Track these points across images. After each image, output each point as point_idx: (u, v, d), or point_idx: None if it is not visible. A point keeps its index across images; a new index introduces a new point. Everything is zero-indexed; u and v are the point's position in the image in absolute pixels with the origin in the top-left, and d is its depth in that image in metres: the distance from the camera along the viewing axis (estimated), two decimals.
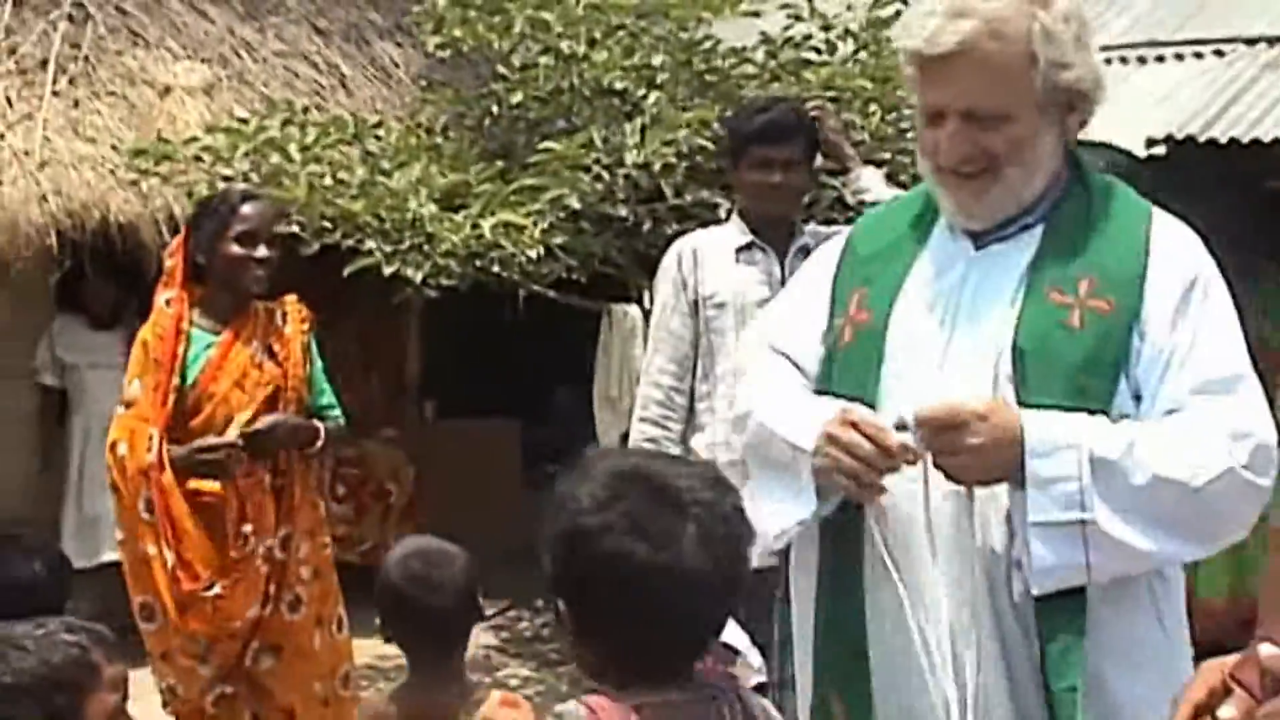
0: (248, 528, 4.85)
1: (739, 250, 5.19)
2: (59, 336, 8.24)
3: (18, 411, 8.26)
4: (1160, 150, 7.22)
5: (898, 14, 7.76)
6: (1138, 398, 2.65)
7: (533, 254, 6.86)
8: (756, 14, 8.00)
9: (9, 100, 8.04)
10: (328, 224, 6.88)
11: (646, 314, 7.05)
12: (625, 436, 5.53)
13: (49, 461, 8.28)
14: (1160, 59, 8.17)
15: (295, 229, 6.83)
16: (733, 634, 4.98)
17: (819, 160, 5.50)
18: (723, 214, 7.22)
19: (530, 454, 10.31)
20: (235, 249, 4.91)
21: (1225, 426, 2.56)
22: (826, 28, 7.85)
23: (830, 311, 2.90)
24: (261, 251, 4.94)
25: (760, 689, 5.04)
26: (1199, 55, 8.11)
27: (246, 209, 4.97)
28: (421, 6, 8.43)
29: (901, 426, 2.54)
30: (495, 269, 7.04)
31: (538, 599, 9.00)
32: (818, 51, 7.81)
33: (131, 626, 4.91)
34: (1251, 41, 8.17)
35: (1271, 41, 8.14)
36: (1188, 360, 2.62)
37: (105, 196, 7.73)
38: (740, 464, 4.99)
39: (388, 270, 6.78)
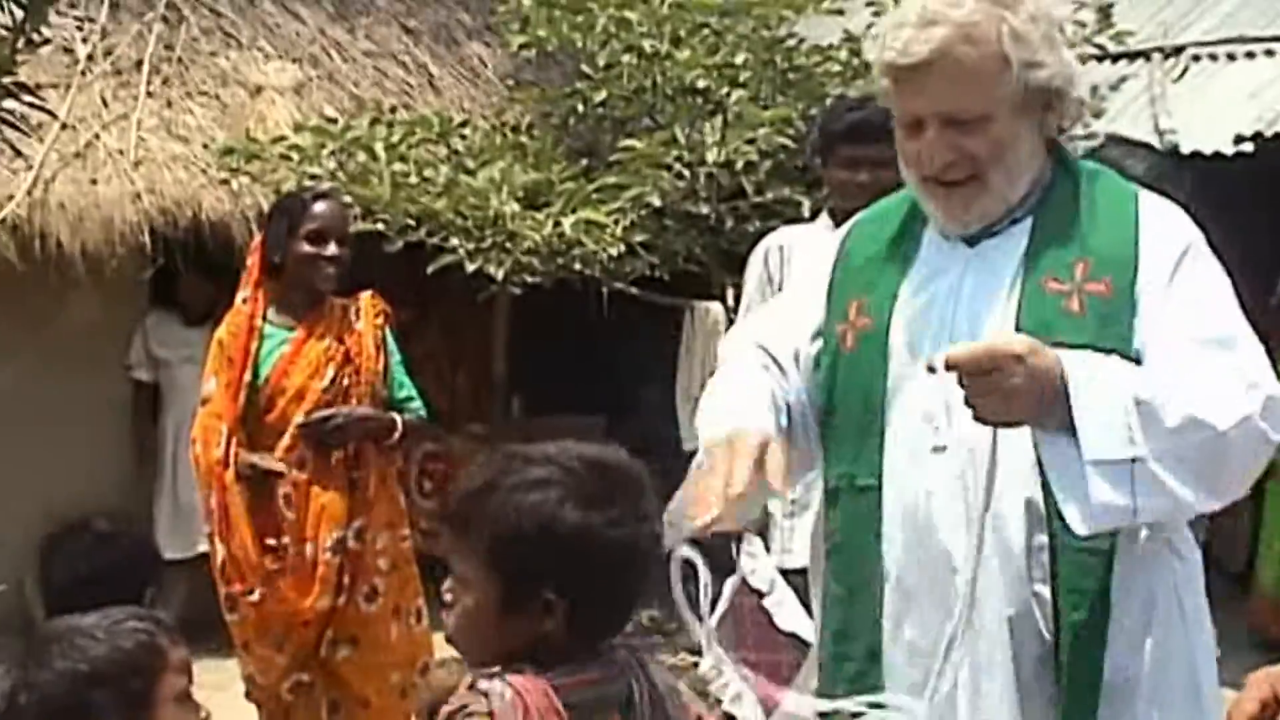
0: (311, 523, 4.93)
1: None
2: (152, 332, 8.36)
3: (113, 406, 8.40)
4: (1248, 147, 7.16)
5: None
6: None
7: (614, 251, 6.92)
8: (840, 11, 8.01)
9: (105, 101, 8.19)
10: (411, 222, 6.97)
11: (729, 311, 7.08)
12: None
13: (144, 455, 8.41)
14: (1250, 55, 8.08)
15: (379, 227, 6.93)
16: (805, 625, 5.01)
17: None
18: (805, 211, 7.25)
19: None
20: (306, 247, 4.99)
21: (1237, 375, 2.56)
22: None
23: (827, 315, 2.91)
24: (331, 249, 4.99)
25: None
26: None
27: (317, 208, 5.03)
28: (507, 6, 8.48)
29: (931, 369, 2.52)
30: (577, 266, 7.10)
31: None
32: None
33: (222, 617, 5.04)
34: None
35: None
36: (1186, 320, 2.63)
37: (197, 195, 7.87)
38: None
39: (470, 267, 6.85)
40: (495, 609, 2.23)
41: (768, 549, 5.13)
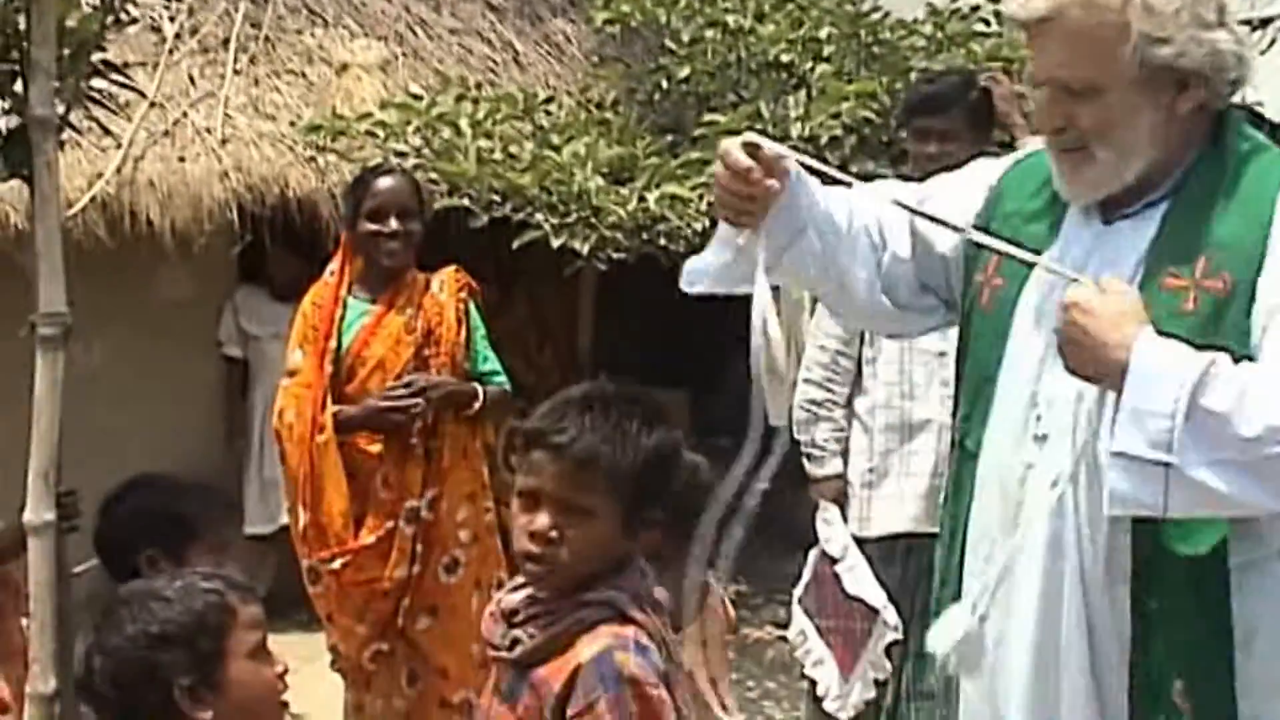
0: (388, 494, 4.98)
1: None
2: (242, 308, 8.45)
3: (203, 382, 8.51)
4: None
5: None
6: None
7: (699, 226, 6.90)
8: None
9: (192, 79, 8.26)
10: (496, 198, 6.98)
11: None
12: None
13: (234, 430, 8.51)
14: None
15: (464, 203, 6.95)
16: (872, 592, 5.02)
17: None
18: None
19: (700, 425, 10.34)
20: (368, 225, 5.05)
21: None
22: None
23: (975, 254, 2.85)
24: (392, 225, 5.04)
25: (892, 647, 5.10)
26: None
27: (376, 185, 5.09)
28: None
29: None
30: (662, 242, 7.09)
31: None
32: (986, 23, 7.75)
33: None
34: None
35: None
36: None
37: (284, 172, 7.92)
38: (900, 427, 5.07)
39: (555, 243, 6.86)
40: (617, 532, 2.61)
41: (845, 518, 5.15)
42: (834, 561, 5.14)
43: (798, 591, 5.22)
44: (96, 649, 2.67)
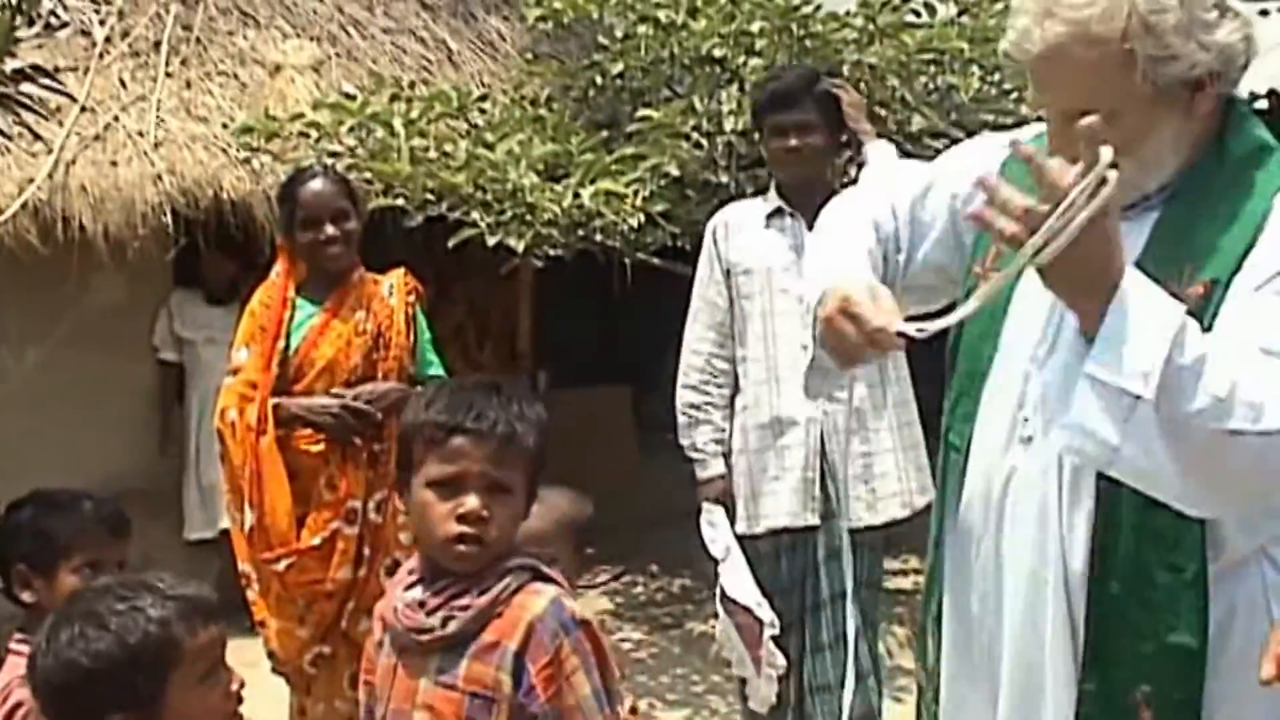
0: (331, 495, 4.97)
1: (768, 217, 5.25)
2: (177, 312, 8.41)
3: (138, 387, 8.46)
4: (1263, 105, 7.14)
5: None
6: None
7: (634, 222, 6.91)
8: None
9: (123, 82, 8.21)
10: (431, 197, 6.96)
11: None
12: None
13: (169, 436, 8.46)
14: (1264, 13, 8.03)
15: (399, 202, 6.94)
16: (746, 592, 5.08)
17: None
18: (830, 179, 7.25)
19: (643, 421, 10.37)
20: (304, 235, 5.05)
21: None
22: None
23: (974, 243, 2.83)
24: (328, 231, 5.04)
25: (791, 641, 5.16)
26: None
27: (303, 194, 5.08)
28: None
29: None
30: (598, 238, 7.10)
31: (652, 564, 9.08)
32: (916, 14, 7.77)
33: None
34: None
35: None
36: (1265, 319, 2.37)
37: (218, 174, 7.88)
38: (771, 424, 5.13)
39: (491, 241, 6.85)
40: (525, 505, 2.81)
41: (732, 518, 5.21)
42: (717, 563, 5.19)
43: (718, 589, 5.27)
44: (41, 653, 2.58)
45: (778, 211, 5.24)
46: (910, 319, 2.64)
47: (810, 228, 5.14)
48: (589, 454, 9.30)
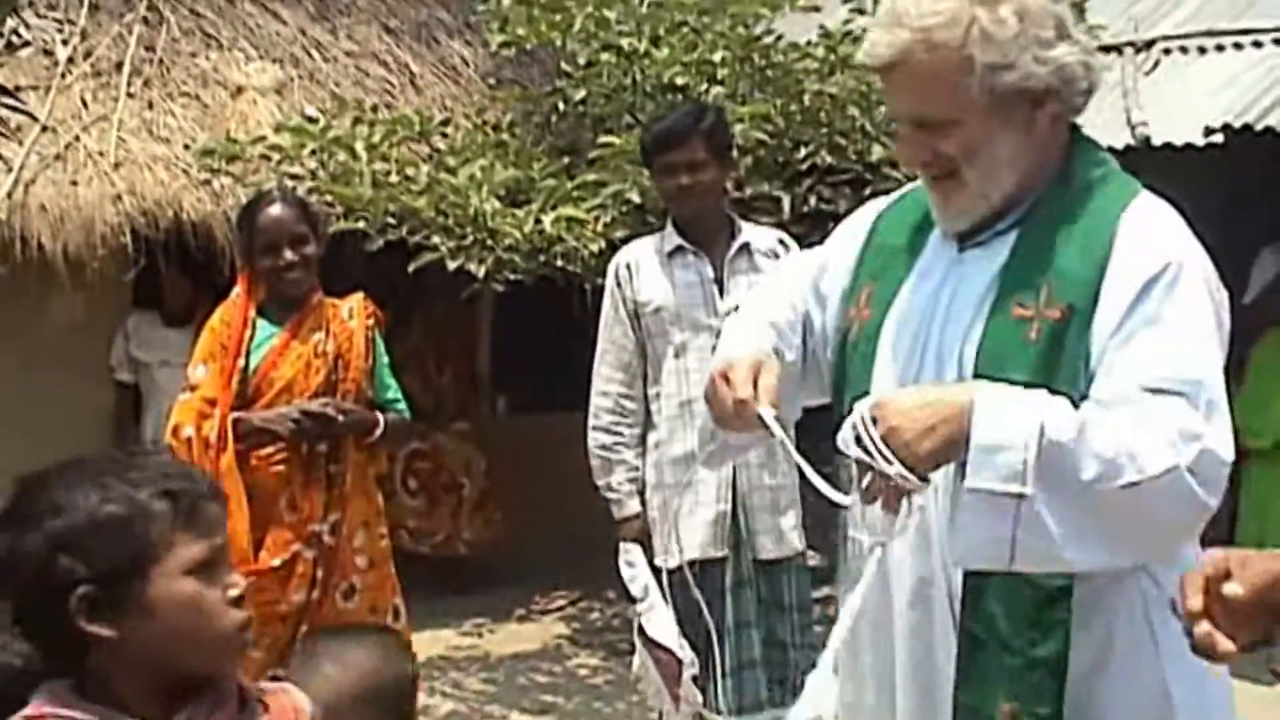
0: (292, 516, 4.97)
1: (670, 255, 5.28)
2: (134, 334, 8.38)
3: (95, 408, 8.41)
4: (1218, 139, 7.21)
5: None
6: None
7: (595, 248, 6.93)
8: (817, 8, 8.07)
9: (84, 102, 8.20)
10: (392, 220, 6.98)
11: None
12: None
13: None
14: (1219, 48, 8.13)
15: (360, 226, 6.95)
16: (666, 634, 5.08)
17: None
18: (786, 207, 7.29)
19: None
20: (263, 261, 5.05)
21: (1176, 423, 2.39)
22: None
23: (849, 289, 2.90)
24: (287, 256, 5.02)
25: (707, 666, 5.17)
26: (1258, 44, 8.04)
27: (261, 220, 5.06)
28: (487, 5, 8.48)
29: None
30: (559, 263, 7.11)
31: (608, 590, 9.08)
32: None
33: None
34: None
35: None
36: (1139, 362, 2.47)
37: (178, 196, 7.88)
38: (683, 459, 5.16)
39: (452, 265, 6.86)
40: None
41: (651, 554, 5.22)
42: (635, 602, 5.20)
43: (636, 626, 5.28)
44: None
45: (679, 250, 5.27)
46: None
47: (716, 263, 5.24)
48: (547, 479, 9.32)
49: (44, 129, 7.82)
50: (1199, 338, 2.51)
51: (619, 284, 5.36)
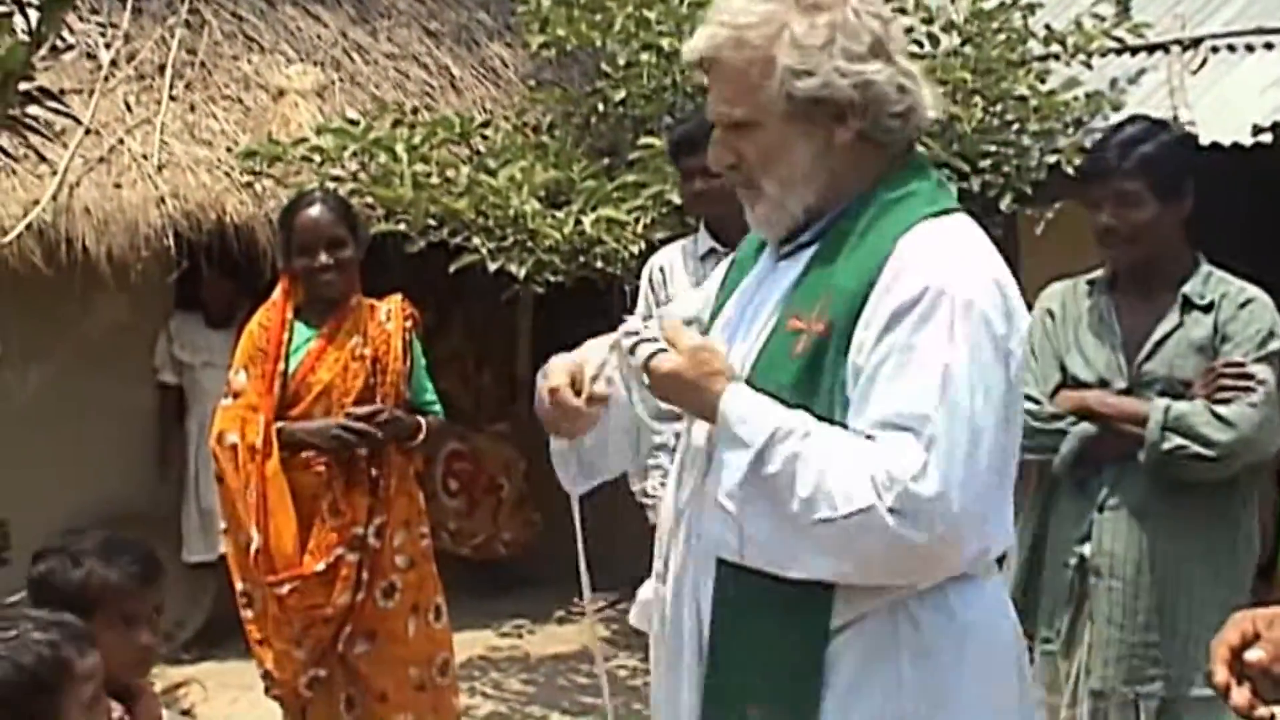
0: (335, 520, 4.98)
1: (702, 259, 5.30)
2: (177, 335, 8.42)
3: (138, 409, 8.46)
4: (1267, 138, 7.16)
5: (1001, 5, 7.76)
6: None
7: (635, 249, 6.94)
8: None
9: (128, 105, 8.25)
10: (433, 222, 7.00)
11: None
12: None
13: (168, 458, 8.46)
14: (1268, 46, 8.06)
15: (401, 228, 6.97)
16: None
17: None
18: None
19: None
20: (300, 261, 5.06)
21: (883, 464, 2.42)
22: (929, 20, 7.83)
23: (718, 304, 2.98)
24: (322, 259, 5.04)
25: None
26: None
27: (299, 221, 5.09)
28: (527, 7, 8.49)
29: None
30: (599, 265, 7.12)
31: None
32: (920, 45, 7.80)
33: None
34: None
35: None
36: (881, 387, 2.49)
37: (221, 198, 7.92)
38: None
39: (492, 266, 6.88)
40: None
41: None
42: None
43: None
44: None
45: (711, 252, 5.27)
46: None
47: None
48: None
49: (88, 132, 7.86)
50: (939, 372, 2.47)
51: (652, 288, 5.39)
